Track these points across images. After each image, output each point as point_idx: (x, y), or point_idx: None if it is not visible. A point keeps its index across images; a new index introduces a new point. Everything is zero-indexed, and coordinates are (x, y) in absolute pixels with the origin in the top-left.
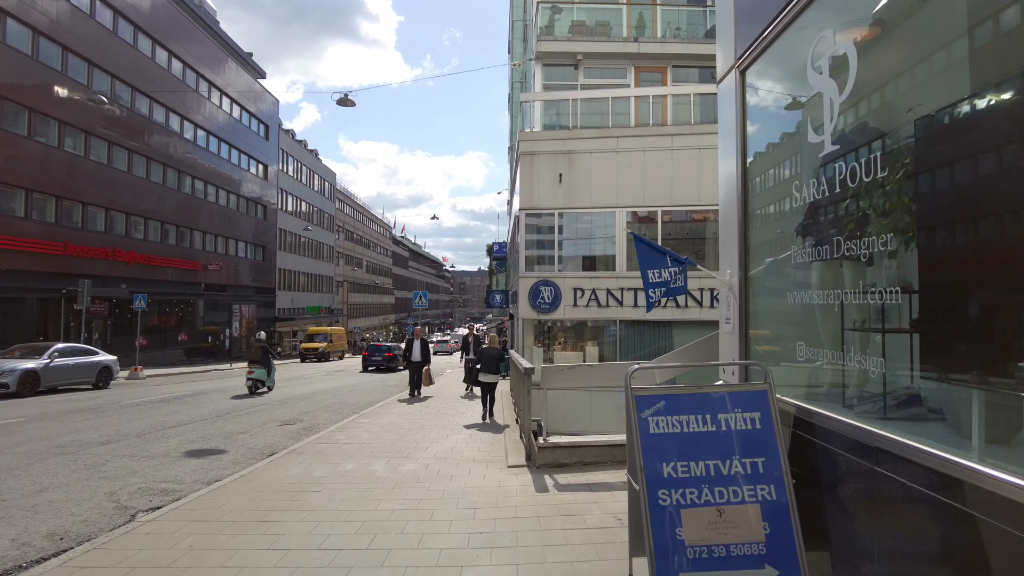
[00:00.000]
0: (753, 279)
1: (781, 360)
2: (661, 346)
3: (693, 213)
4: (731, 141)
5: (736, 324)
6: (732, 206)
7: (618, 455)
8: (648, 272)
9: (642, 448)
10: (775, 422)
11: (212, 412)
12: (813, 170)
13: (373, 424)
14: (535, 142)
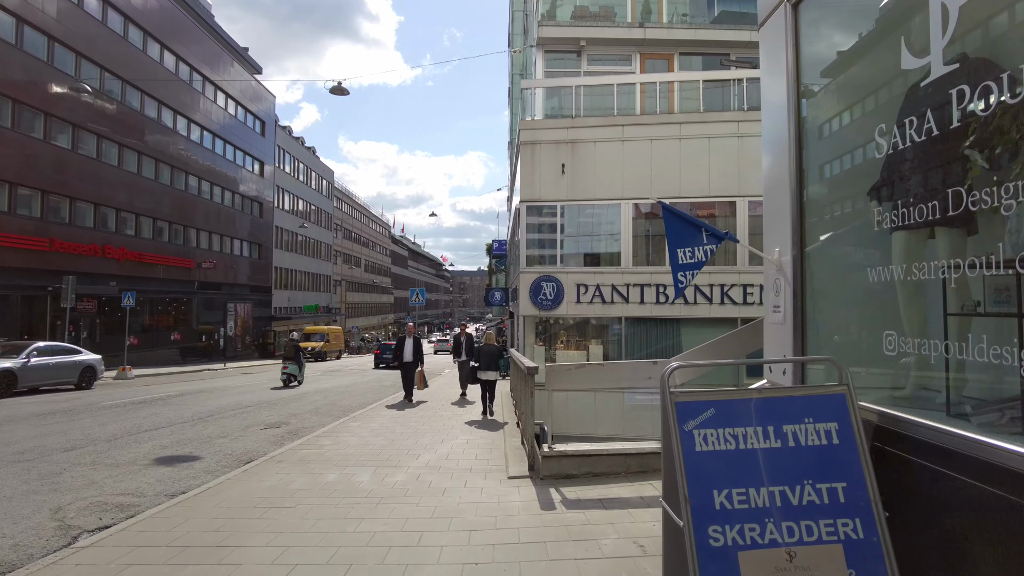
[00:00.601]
0: (812, 256)
1: (854, 355)
2: (668, 344)
3: (696, 207)
4: (778, 90)
5: (789, 312)
6: (781, 169)
7: (632, 465)
8: (678, 251)
9: (686, 471)
10: (858, 436)
11: (195, 414)
12: (911, 106)
13: (363, 428)
14: (536, 131)
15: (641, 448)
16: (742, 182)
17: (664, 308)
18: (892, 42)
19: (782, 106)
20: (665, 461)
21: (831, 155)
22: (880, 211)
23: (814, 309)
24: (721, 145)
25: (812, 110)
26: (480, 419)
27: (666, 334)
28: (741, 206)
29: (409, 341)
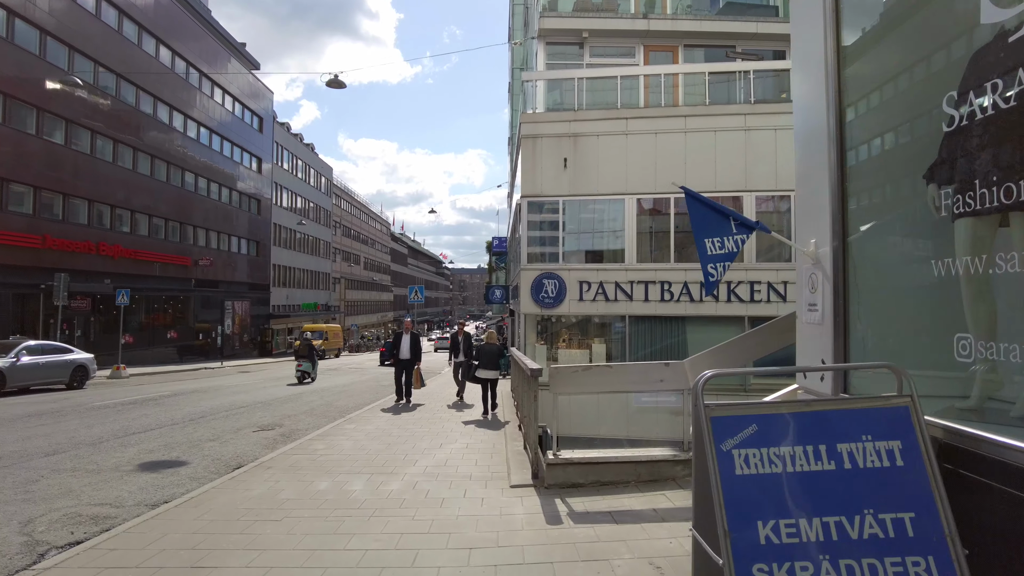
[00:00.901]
0: (857, 248)
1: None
2: (673, 343)
3: None
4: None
5: (828, 311)
6: (818, 147)
7: (643, 474)
8: (705, 242)
9: (725, 499)
10: (926, 456)
11: (187, 415)
12: (984, 69)
13: (359, 431)
14: (538, 124)
15: (652, 455)
16: (749, 176)
17: (669, 306)
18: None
19: (818, 69)
20: (697, 484)
21: (879, 129)
22: (940, 195)
23: (858, 307)
24: (727, 139)
25: (855, 74)
26: (480, 420)
27: (671, 332)
28: (748, 201)
29: (406, 338)
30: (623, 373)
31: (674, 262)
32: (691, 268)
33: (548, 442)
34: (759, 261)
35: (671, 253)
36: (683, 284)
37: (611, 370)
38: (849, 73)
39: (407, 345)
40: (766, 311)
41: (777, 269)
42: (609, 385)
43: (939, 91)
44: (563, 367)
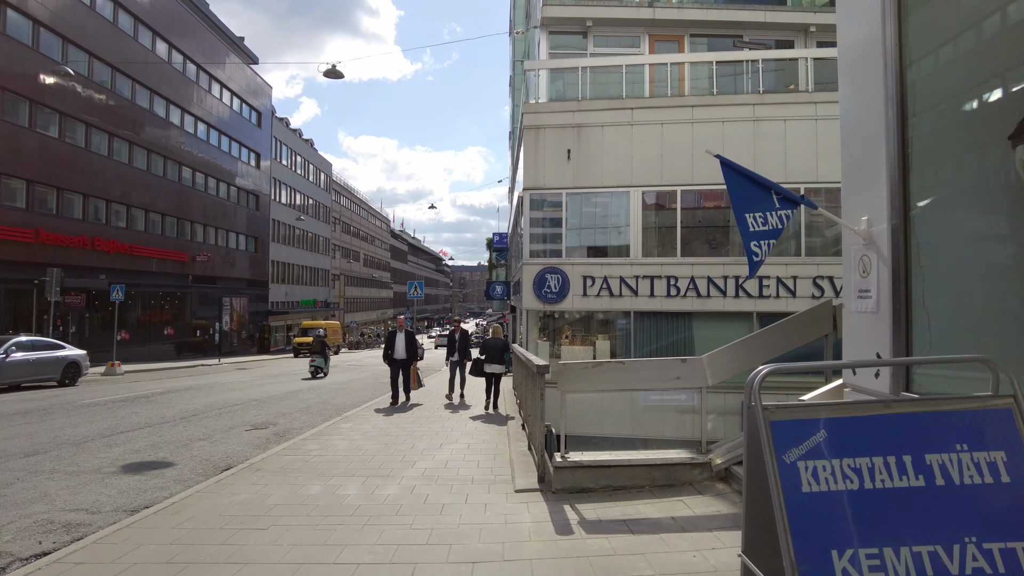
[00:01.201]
0: (923, 223)
1: (1001, 354)
2: (678, 339)
3: (706, 196)
4: None
5: (885, 298)
6: (872, 100)
7: (658, 478)
8: (746, 217)
9: (791, 522)
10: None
11: (178, 413)
12: None
13: (355, 429)
14: (540, 114)
15: (668, 458)
16: (758, 168)
17: (675, 301)
18: None
19: (873, 9)
20: (750, 502)
21: (953, 83)
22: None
23: (923, 293)
24: (736, 130)
25: (924, 19)
26: (481, 419)
27: (677, 328)
28: None
29: (401, 336)
30: (636, 370)
31: (680, 256)
32: (698, 263)
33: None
34: (769, 256)
35: (677, 247)
36: (689, 279)
37: (623, 366)
38: (911, 11)
39: (402, 344)
40: (775, 307)
41: (786, 264)
42: (621, 382)
43: None
44: (572, 363)
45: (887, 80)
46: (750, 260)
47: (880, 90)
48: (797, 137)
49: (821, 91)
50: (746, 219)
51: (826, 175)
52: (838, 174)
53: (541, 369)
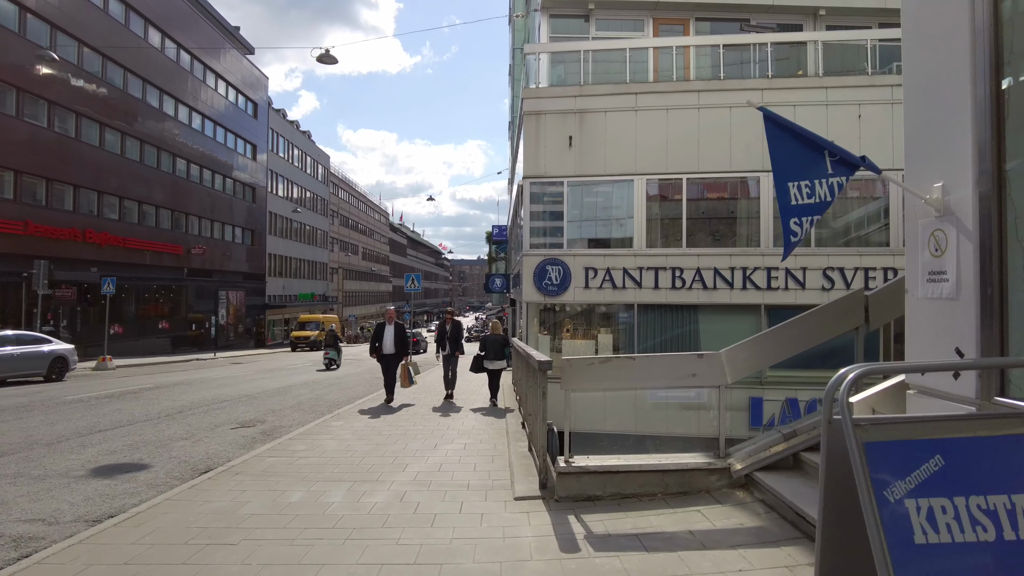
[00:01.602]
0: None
1: None
2: (684, 332)
3: (709, 186)
4: None
5: (969, 281)
6: (954, 44)
7: (672, 485)
8: (789, 187)
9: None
10: None
11: (164, 410)
12: None
13: (346, 428)
14: (541, 99)
15: (682, 463)
16: (767, 156)
17: (680, 294)
18: None
19: None
20: (828, 543)
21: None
22: None
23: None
24: (743, 116)
25: None
26: (479, 415)
27: (682, 322)
28: (765, 182)
29: (390, 329)
30: (648, 366)
31: (686, 247)
32: (704, 253)
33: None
34: (776, 247)
35: (683, 237)
36: (695, 270)
37: (634, 363)
38: None
39: (391, 337)
40: (783, 299)
41: (795, 254)
42: (632, 380)
43: None
44: (577, 359)
45: (976, 14)
46: (786, 240)
47: (964, 28)
48: (807, 123)
49: (832, 75)
50: (788, 189)
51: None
52: None
53: (543, 365)
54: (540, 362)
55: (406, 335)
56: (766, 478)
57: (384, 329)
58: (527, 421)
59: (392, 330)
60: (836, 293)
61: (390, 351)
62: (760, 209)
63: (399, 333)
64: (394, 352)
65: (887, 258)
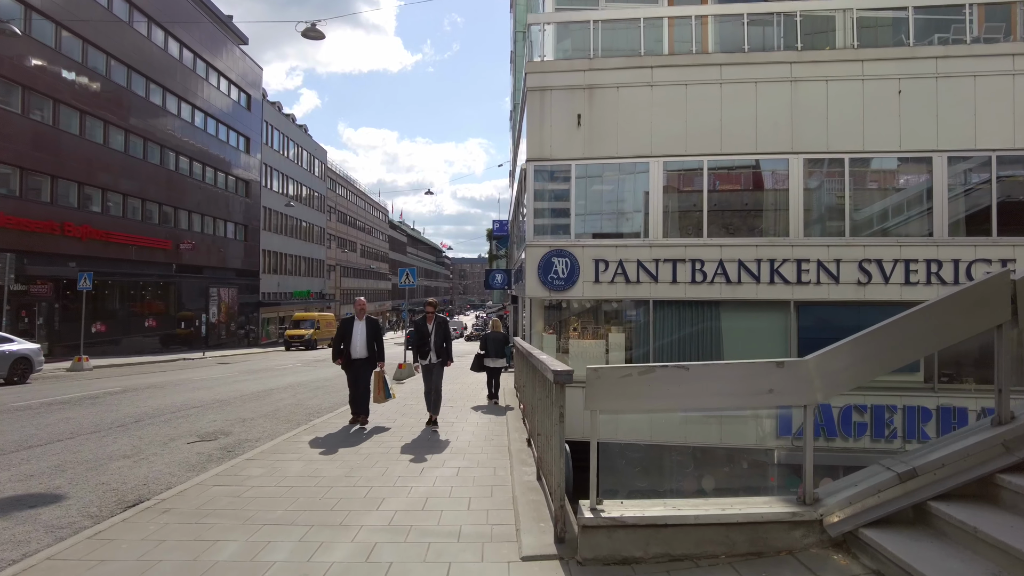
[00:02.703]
0: None
1: None
2: (704, 330)
3: (730, 169)
4: None
5: None
6: None
7: (739, 543)
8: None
9: None
10: None
11: (120, 419)
12: None
13: (320, 444)
14: (547, 74)
15: (754, 513)
16: (796, 136)
17: (701, 288)
18: None
19: None
20: None
21: None
22: None
23: None
24: (770, 92)
25: None
26: (475, 429)
27: (701, 319)
28: (795, 165)
29: (360, 326)
30: (706, 378)
31: (707, 237)
32: (727, 244)
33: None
34: (807, 236)
35: (704, 226)
36: (717, 262)
37: (687, 373)
38: None
39: (361, 337)
40: (815, 294)
41: (828, 245)
42: (684, 398)
43: None
44: (607, 369)
45: None
46: None
47: None
48: (841, 100)
49: (867, 47)
50: None
51: (875, 142)
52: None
53: (560, 378)
54: (557, 373)
55: (381, 334)
56: (878, 537)
57: (352, 326)
58: (534, 441)
59: (363, 328)
60: (873, 288)
61: (360, 355)
62: (789, 194)
63: (372, 331)
64: (366, 357)
65: (930, 249)
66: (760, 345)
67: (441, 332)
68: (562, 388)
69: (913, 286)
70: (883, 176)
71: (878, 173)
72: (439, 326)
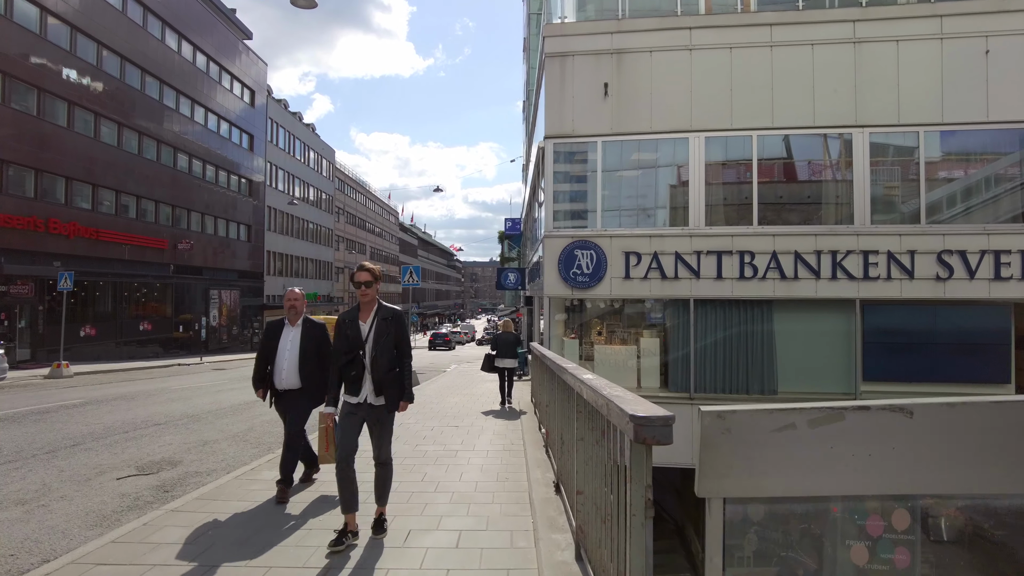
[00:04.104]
0: None
1: None
2: (749, 332)
3: (783, 145)
4: None
5: None
6: None
7: None
8: None
9: None
10: None
11: (55, 440)
12: None
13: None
14: (567, 38)
15: None
16: (860, 107)
17: (750, 285)
18: None
19: None
20: None
21: None
22: None
23: None
24: (829, 56)
25: None
26: (485, 464)
27: (750, 321)
28: (859, 141)
29: (293, 336)
30: (956, 428)
31: (758, 225)
32: (781, 233)
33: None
34: (876, 223)
35: (754, 212)
36: (770, 255)
37: (909, 420)
38: None
39: (292, 355)
40: (885, 292)
41: (900, 234)
42: (907, 471)
43: None
44: (744, 413)
45: None
46: None
47: None
48: (915, 63)
49: (946, 0)
50: None
51: (955, 113)
52: (972, 110)
53: (649, 431)
54: (638, 418)
55: (319, 350)
56: None
57: (282, 336)
58: (571, 504)
59: (295, 338)
60: (955, 284)
61: (291, 384)
62: (853, 175)
63: (309, 346)
64: (299, 386)
65: None
66: (819, 352)
67: (386, 338)
68: (647, 450)
69: (1004, 282)
70: (965, 153)
71: (956, 155)
72: (384, 325)
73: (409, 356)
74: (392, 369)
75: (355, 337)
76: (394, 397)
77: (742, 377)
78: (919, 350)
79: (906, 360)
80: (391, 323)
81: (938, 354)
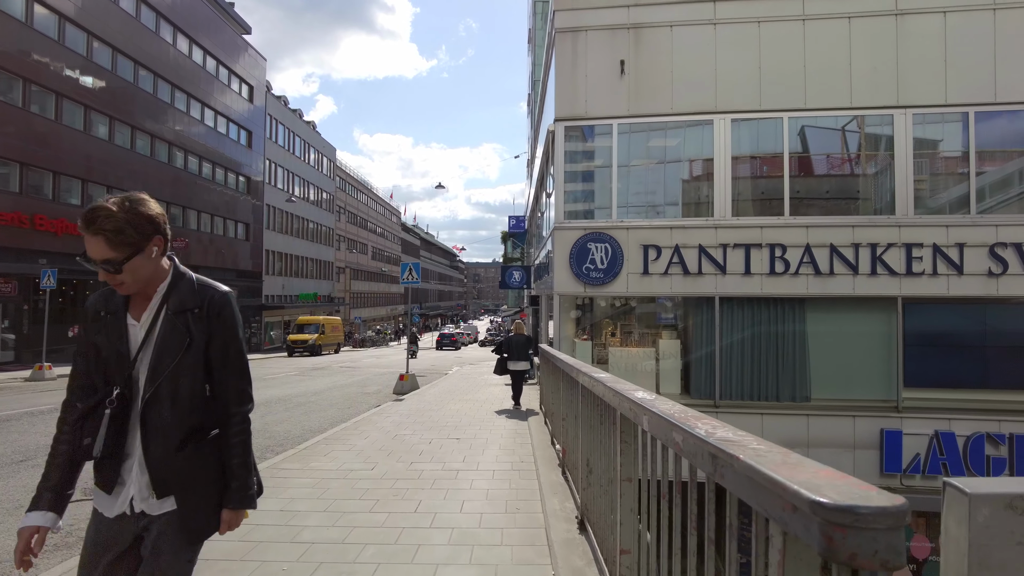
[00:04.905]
0: None
1: None
2: (780, 332)
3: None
4: None
5: None
6: None
7: None
8: None
9: None
10: None
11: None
12: None
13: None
14: (580, 11)
15: None
16: (903, 85)
17: (782, 281)
18: None
19: None
20: None
21: None
22: None
23: None
24: (867, 29)
25: None
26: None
27: (781, 320)
28: (901, 123)
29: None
30: None
31: (789, 215)
32: (815, 224)
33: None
34: (919, 212)
35: (785, 202)
36: (803, 248)
37: None
38: None
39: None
40: (931, 289)
41: (947, 225)
42: None
43: None
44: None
45: None
46: None
47: None
48: (963, 36)
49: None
50: None
51: (1010, 91)
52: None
53: (830, 521)
54: (819, 505)
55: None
56: None
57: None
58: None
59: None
60: (1009, 280)
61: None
62: (895, 160)
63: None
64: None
65: None
66: (856, 355)
67: (184, 353)
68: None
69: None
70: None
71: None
72: (180, 325)
73: (248, 394)
74: (199, 429)
75: (113, 352)
76: (204, 497)
77: (771, 382)
78: (967, 353)
79: (953, 364)
80: (202, 321)
81: (989, 358)
